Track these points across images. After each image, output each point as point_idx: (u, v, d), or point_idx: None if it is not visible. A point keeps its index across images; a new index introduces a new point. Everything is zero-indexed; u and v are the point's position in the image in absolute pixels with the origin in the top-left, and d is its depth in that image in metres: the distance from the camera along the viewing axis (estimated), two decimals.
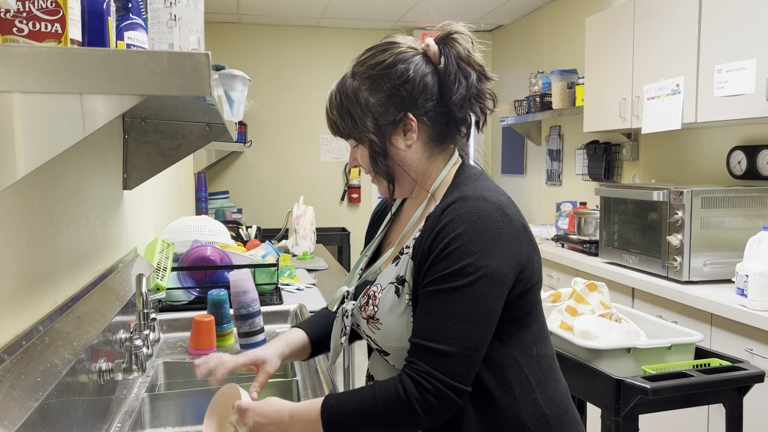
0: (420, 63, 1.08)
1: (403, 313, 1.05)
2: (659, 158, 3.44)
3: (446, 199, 1.06)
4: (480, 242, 0.99)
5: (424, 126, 1.09)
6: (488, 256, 0.98)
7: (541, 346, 1.11)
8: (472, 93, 1.08)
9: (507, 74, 5.44)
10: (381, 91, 1.07)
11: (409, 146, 1.09)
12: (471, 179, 1.10)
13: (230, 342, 1.85)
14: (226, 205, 4.90)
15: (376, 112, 1.07)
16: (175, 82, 0.69)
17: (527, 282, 1.05)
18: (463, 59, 1.08)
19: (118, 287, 1.50)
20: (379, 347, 1.11)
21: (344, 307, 1.15)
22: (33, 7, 0.81)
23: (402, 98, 1.07)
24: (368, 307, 1.10)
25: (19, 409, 0.79)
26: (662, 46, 2.90)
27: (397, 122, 1.08)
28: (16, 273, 0.99)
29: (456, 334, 0.97)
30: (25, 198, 1.03)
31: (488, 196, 1.03)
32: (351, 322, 1.14)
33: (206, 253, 2.19)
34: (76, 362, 1.03)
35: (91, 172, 1.45)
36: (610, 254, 3.06)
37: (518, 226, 1.04)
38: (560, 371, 1.16)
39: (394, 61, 1.07)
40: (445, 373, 0.96)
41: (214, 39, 5.22)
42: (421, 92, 1.07)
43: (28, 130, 0.85)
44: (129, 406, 1.39)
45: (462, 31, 1.09)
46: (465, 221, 1.00)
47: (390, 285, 1.08)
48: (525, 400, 1.05)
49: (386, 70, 1.07)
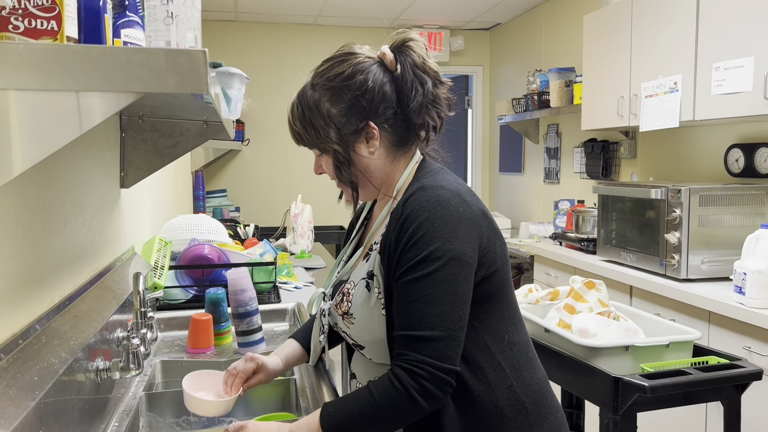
0: (377, 72, 1.11)
1: (374, 306, 1.09)
2: (657, 156, 3.45)
3: (406, 192, 1.10)
4: (443, 227, 1.02)
5: (385, 133, 1.13)
6: (453, 240, 1.02)
7: (513, 333, 1.13)
8: (428, 99, 1.12)
9: (505, 72, 5.43)
10: (342, 102, 1.11)
11: (372, 153, 1.13)
12: (431, 173, 1.14)
13: (228, 341, 1.85)
14: (224, 203, 4.89)
15: (339, 122, 1.11)
16: (171, 79, 0.68)
17: (490, 266, 1.08)
18: (419, 66, 1.11)
19: (116, 286, 1.49)
20: (354, 341, 1.14)
21: (322, 307, 1.20)
22: (29, 4, 0.80)
23: (363, 108, 1.10)
24: (343, 304, 1.14)
25: (16, 409, 0.79)
26: (660, 43, 2.90)
27: (359, 131, 1.12)
28: (13, 271, 0.98)
29: (437, 318, 1.00)
30: (22, 196, 1.02)
31: (446, 185, 1.08)
32: (328, 321, 1.18)
33: (204, 251, 2.19)
34: (73, 361, 1.02)
35: (89, 170, 1.44)
36: (608, 252, 3.06)
37: (477, 211, 1.08)
38: (537, 359, 1.18)
39: (353, 71, 1.10)
40: (435, 357, 0.99)
41: (211, 37, 5.20)
42: (381, 101, 1.11)
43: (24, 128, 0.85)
44: (126, 404, 1.39)
45: (416, 38, 1.13)
46: (426, 209, 1.04)
47: (362, 281, 1.12)
48: (500, 387, 1.08)
49: (346, 81, 1.10)
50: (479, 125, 5.82)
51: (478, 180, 5.86)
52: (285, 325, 2.07)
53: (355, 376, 1.22)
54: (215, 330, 1.82)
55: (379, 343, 1.09)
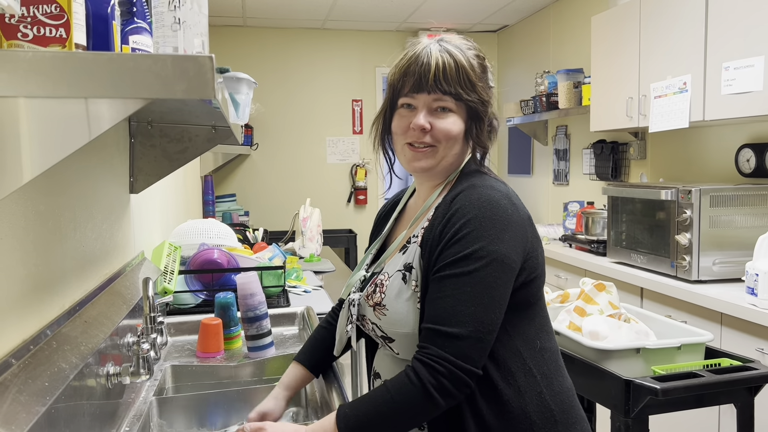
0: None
1: (410, 299, 1.08)
2: (667, 157, 3.42)
3: (455, 189, 1.10)
4: (490, 227, 1.02)
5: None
6: (498, 242, 1.01)
7: (545, 340, 1.13)
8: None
9: (512, 74, 5.42)
10: (485, 72, 1.17)
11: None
12: (478, 173, 1.15)
13: (238, 345, 1.85)
14: (233, 208, 4.91)
15: (487, 89, 1.16)
16: (179, 85, 0.69)
17: (531, 272, 1.08)
18: (487, 68, 1.19)
19: (126, 291, 1.50)
20: (384, 333, 1.12)
21: (350, 298, 1.19)
22: (37, 12, 0.81)
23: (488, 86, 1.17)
24: (375, 295, 1.13)
25: (27, 414, 0.79)
26: (669, 44, 2.88)
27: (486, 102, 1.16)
28: (23, 277, 0.99)
29: (468, 317, 0.99)
30: (32, 203, 1.03)
31: (496, 186, 1.08)
32: (356, 312, 1.17)
33: (213, 256, 2.20)
34: (83, 366, 1.03)
35: (98, 176, 1.45)
36: (618, 254, 3.04)
37: (524, 215, 1.08)
38: (564, 368, 1.17)
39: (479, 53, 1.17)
40: (457, 356, 0.98)
41: (219, 42, 5.23)
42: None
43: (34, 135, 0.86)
44: (137, 409, 1.39)
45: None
46: (475, 207, 1.03)
47: (397, 272, 1.11)
48: (530, 393, 1.07)
49: (483, 60, 1.17)
50: None
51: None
52: (294, 329, 2.07)
53: (379, 375, 1.21)
54: (225, 334, 1.82)
55: (409, 337, 1.08)
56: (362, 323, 1.19)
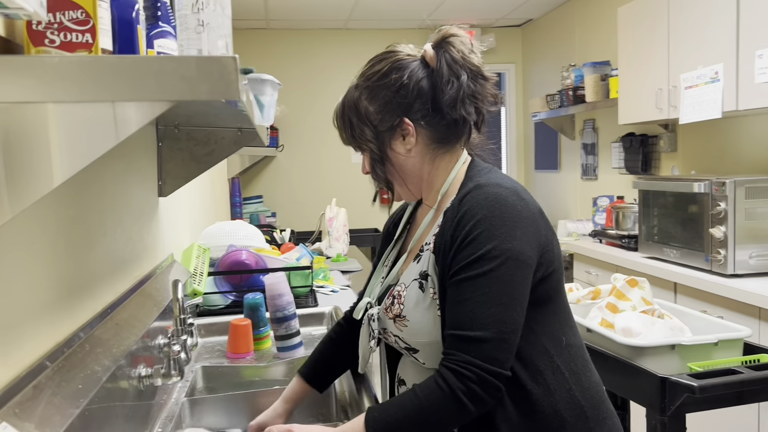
0: (416, 69, 1.11)
1: (429, 307, 1.07)
2: (699, 149, 3.35)
3: (461, 191, 1.09)
4: (501, 226, 1.01)
5: (422, 129, 1.13)
6: (511, 239, 1.00)
7: (570, 336, 1.11)
8: (465, 93, 1.10)
9: (537, 68, 5.36)
10: (378, 99, 1.12)
11: (408, 150, 1.13)
12: (483, 171, 1.13)
13: (267, 345, 1.86)
14: (261, 209, 4.94)
15: (375, 119, 1.12)
16: (203, 86, 0.69)
17: (549, 266, 1.06)
18: (457, 61, 1.10)
19: (156, 293, 1.51)
20: (407, 345, 1.11)
21: (370, 313, 1.17)
22: (64, 18, 0.82)
23: (398, 104, 1.11)
24: (394, 307, 1.12)
25: (61, 417, 0.80)
26: (699, 33, 2.82)
27: (394, 128, 1.12)
28: (56, 281, 1.00)
29: (489, 319, 0.98)
30: (63, 208, 1.04)
31: (503, 183, 1.07)
32: (378, 326, 1.16)
33: (241, 257, 2.21)
34: (116, 369, 1.04)
35: (127, 180, 1.47)
36: (650, 249, 2.99)
37: (535, 209, 1.06)
38: (591, 362, 1.15)
39: (390, 69, 1.11)
40: (484, 360, 0.97)
41: (243, 45, 5.27)
42: (416, 97, 1.11)
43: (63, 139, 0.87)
44: (169, 410, 1.41)
45: (458, 33, 1.12)
46: (483, 207, 1.02)
47: (414, 282, 1.10)
48: (560, 391, 1.05)
49: (382, 79, 1.12)
50: (513, 123, 5.76)
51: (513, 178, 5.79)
52: (323, 328, 2.08)
53: (404, 382, 1.19)
54: (254, 335, 1.83)
55: (434, 345, 1.07)
56: (384, 336, 1.18)
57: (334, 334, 1.37)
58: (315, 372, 1.33)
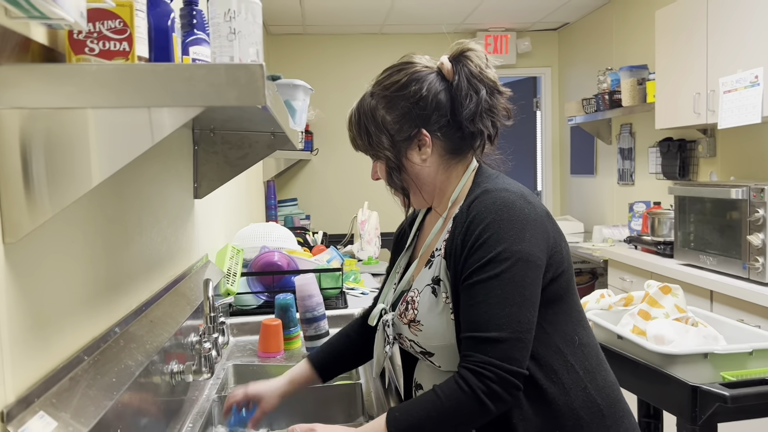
0: (434, 81, 1.13)
1: (442, 312, 1.09)
2: (738, 154, 3.27)
3: (469, 197, 1.11)
4: (509, 228, 1.03)
5: (438, 141, 1.15)
6: (520, 241, 1.02)
7: (583, 336, 1.13)
8: (483, 108, 1.12)
9: (574, 72, 5.31)
10: (396, 109, 1.13)
11: (424, 160, 1.15)
12: (491, 177, 1.15)
13: (297, 345, 1.89)
14: (295, 212, 5.01)
15: (392, 129, 1.14)
16: (231, 92, 0.72)
17: (558, 267, 1.08)
18: (475, 76, 1.12)
19: (190, 292, 1.55)
20: (423, 348, 1.13)
21: (384, 319, 1.20)
22: (103, 27, 0.86)
23: (416, 116, 1.13)
24: (408, 312, 1.14)
25: (95, 408, 0.84)
26: (738, 36, 2.76)
27: (411, 138, 1.14)
28: (93, 279, 1.04)
29: (504, 319, 1.00)
30: (101, 208, 1.09)
31: (509, 188, 1.09)
32: (393, 332, 1.18)
33: (274, 258, 2.25)
34: (148, 364, 1.08)
35: (164, 182, 1.52)
36: (686, 256, 2.93)
37: (542, 212, 1.09)
38: (606, 361, 1.16)
39: (408, 80, 1.13)
40: (502, 359, 0.99)
41: (280, 50, 5.35)
42: (434, 109, 1.13)
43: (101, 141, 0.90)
44: (200, 406, 1.45)
45: (475, 48, 1.14)
46: (491, 211, 1.05)
47: (426, 287, 1.12)
48: (575, 390, 1.07)
49: (401, 90, 1.13)
50: (549, 127, 5.70)
51: (548, 183, 5.74)
52: None
53: (421, 386, 1.21)
54: (285, 335, 1.86)
55: (449, 348, 1.09)
56: (399, 341, 1.20)
57: (351, 330, 1.39)
58: (324, 362, 1.35)
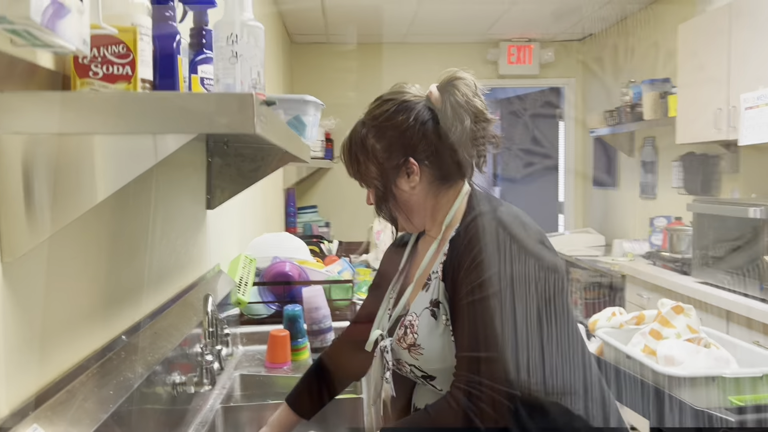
0: (422, 110, 1.16)
1: (443, 334, 1.10)
2: (762, 171, 3.21)
3: (465, 219, 1.13)
4: (503, 251, 1.05)
5: (426, 168, 1.16)
6: (513, 263, 1.04)
7: (581, 355, 1.13)
8: (467, 136, 1.14)
9: (596, 84, 5.26)
10: (385, 138, 1.16)
11: (413, 188, 1.17)
12: (484, 200, 1.16)
13: (305, 356, 1.91)
14: (314, 219, 5.04)
15: (381, 157, 1.16)
16: (222, 120, 0.74)
17: (554, 286, 1.09)
18: (461, 105, 1.13)
19: (198, 303, 1.58)
20: (424, 373, 1.14)
21: (382, 345, 1.20)
22: (107, 52, 0.89)
23: (403, 145, 1.15)
24: (407, 337, 1.14)
25: (90, 421, 0.87)
26: (761, 52, 2.72)
27: (399, 166, 1.16)
28: (95, 293, 1.07)
29: (497, 340, 1.01)
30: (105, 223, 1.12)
31: (504, 210, 1.11)
32: (391, 357, 1.18)
33: (285, 268, 2.28)
34: (150, 375, 1.10)
35: (176, 194, 1.55)
36: (702, 273, 2.89)
37: (535, 233, 1.10)
38: (603, 379, 1.18)
39: (397, 110, 1.16)
40: (493, 379, 1.00)
41: (303, 59, 5.40)
42: (422, 138, 1.15)
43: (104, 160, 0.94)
44: (203, 417, 1.47)
45: (464, 77, 1.16)
46: (486, 233, 1.07)
47: (425, 310, 1.13)
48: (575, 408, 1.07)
49: (389, 120, 1.16)
50: (571, 138, 5.66)
51: (570, 195, 5.69)
52: None
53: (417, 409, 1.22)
54: (292, 346, 1.88)
55: (450, 371, 1.09)
56: (398, 367, 1.20)
57: (326, 357, 1.39)
58: (301, 402, 1.35)
